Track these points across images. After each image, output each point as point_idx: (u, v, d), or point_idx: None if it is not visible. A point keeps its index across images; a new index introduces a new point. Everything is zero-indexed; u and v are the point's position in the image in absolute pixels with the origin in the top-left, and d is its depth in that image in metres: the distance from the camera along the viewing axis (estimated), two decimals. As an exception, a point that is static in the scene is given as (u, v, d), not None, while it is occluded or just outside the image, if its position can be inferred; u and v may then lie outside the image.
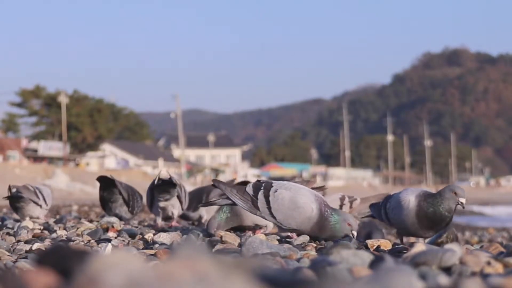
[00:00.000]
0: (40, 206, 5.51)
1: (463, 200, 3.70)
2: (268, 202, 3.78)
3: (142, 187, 6.31)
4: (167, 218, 5.33)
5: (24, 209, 5.47)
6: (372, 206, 4.21)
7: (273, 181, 3.93)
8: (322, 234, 3.74)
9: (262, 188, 3.84)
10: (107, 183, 5.53)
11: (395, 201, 3.84)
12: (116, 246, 3.62)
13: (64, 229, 4.71)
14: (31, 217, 5.43)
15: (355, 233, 3.74)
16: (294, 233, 3.95)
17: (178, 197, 5.24)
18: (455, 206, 3.73)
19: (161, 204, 5.19)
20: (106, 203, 5.57)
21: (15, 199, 5.49)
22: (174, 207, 5.22)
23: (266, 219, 3.87)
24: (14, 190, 5.57)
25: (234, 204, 3.92)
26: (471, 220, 21.91)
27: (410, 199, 3.76)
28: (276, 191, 3.79)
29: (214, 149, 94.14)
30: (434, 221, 3.72)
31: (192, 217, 6.24)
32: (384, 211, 3.92)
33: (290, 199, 3.76)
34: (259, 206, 3.80)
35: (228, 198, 3.91)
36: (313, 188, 4.34)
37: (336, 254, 2.41)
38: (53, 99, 61.74)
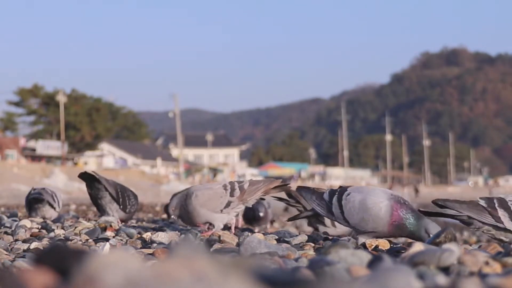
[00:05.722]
0: (55, 208, 5.93)
1: None
2: (340, 206, 3.74)
3: (141, 187, 6.31)
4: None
5: (40, 209, 5.88)
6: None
7: (350, 186, 3.88)
8: (399, 234, 3.65)
9: (336, 193, 3.81)
10: (91, 180, 5.47)
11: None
12: (114, 245, 3.61)
13: (62, 228, 4.70)
14: (44, 218, 5.77)
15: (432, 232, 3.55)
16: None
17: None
18: None
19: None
20: (95, 200, 5.55)
21: (35, 200, 5.90)
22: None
23: (342, 224, 3.84)
24: (34, 191, 6.00)
25: (315, 213, 4.09)
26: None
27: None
28: (348, 194, 3.75)
29: (212, 149, 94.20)
30: None
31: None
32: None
33: (360, 201, 3.68)
34: (333, 211, 3.78)
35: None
36: (276, 187, 4.42)
37: (334, 254, 2.42)
38: (51, 98, 61.69)
